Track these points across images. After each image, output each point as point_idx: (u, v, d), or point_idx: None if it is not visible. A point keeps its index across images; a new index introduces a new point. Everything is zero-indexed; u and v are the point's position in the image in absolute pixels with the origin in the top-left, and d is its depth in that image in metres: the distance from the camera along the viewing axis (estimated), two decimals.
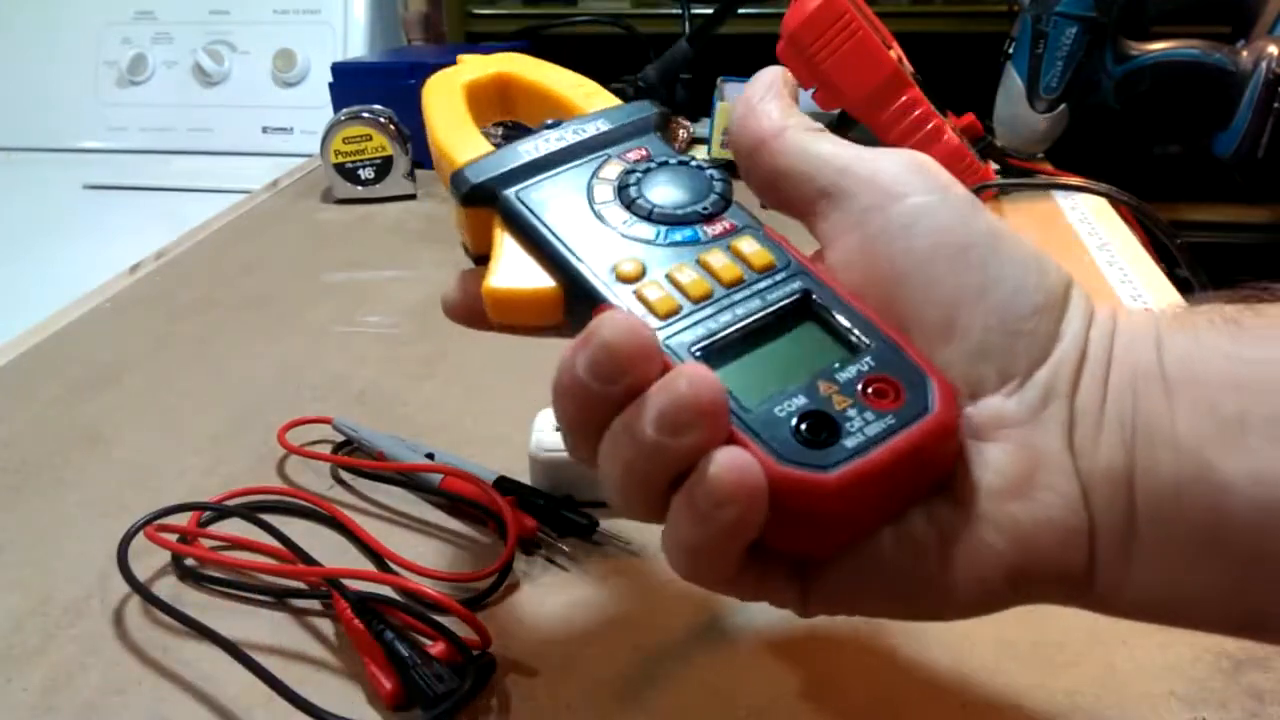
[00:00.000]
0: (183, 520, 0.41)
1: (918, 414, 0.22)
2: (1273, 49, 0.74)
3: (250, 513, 0.41)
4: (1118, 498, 0.22)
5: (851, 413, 0.23)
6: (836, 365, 0.23)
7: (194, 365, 0.57)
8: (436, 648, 0.34)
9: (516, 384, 0.46)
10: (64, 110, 1.08)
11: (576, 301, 0.26)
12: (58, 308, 0.65)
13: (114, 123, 1.07)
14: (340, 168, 0.83)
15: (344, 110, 0.82)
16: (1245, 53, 0.75)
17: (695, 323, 0.24)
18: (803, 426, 0.22)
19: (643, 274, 0.25)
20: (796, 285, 0.25)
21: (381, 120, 0.82)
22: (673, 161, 0.28)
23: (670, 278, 0.25)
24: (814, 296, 0.25)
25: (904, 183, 0.25)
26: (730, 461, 0.21)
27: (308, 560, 0.38)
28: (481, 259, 0.29)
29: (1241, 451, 0.21)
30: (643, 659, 0.35)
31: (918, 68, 0.76)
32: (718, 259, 0.26)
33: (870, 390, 0.23)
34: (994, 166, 0.81)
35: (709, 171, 0.28)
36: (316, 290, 0.68)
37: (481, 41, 1.10)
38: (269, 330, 0.61)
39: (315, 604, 0.37)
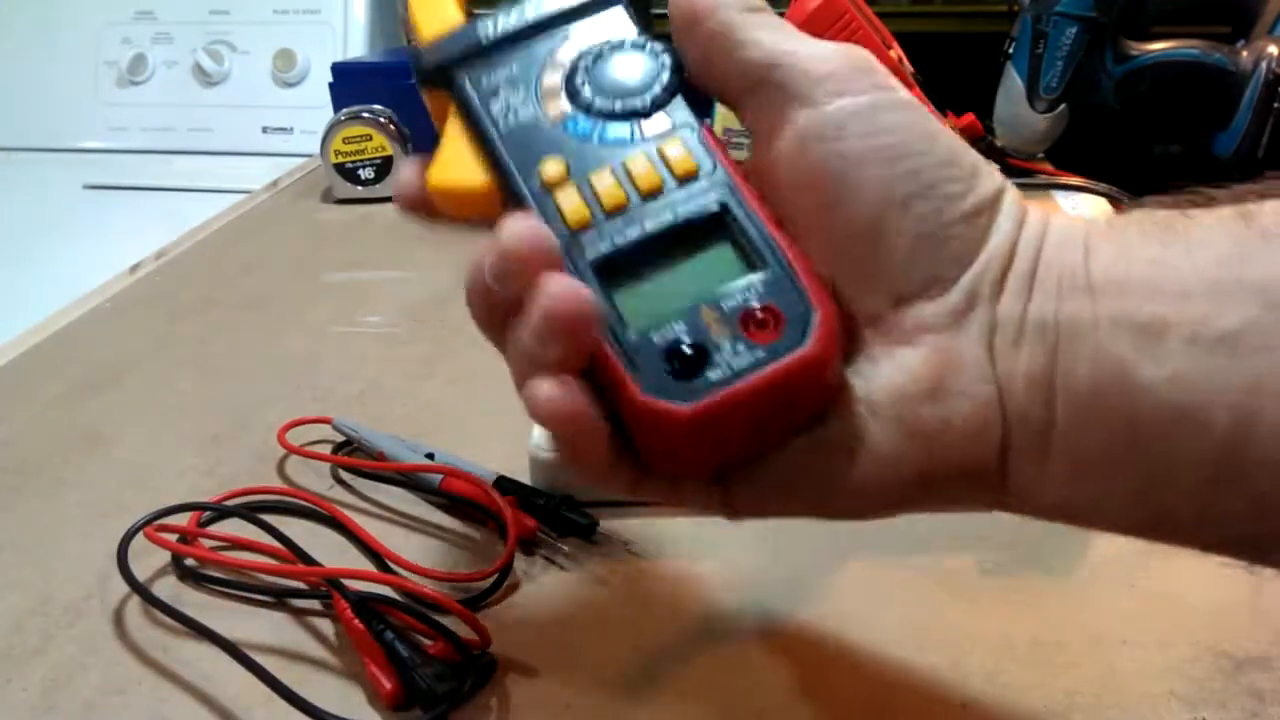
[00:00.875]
0: (183, 520, 0.41)
1: (790, 347, 0.23)
2: (1273, 49, 0.74)
3: (250, 513, 0.41)
4: (1035, 400, 0.22)
5: (724, 343, 0.23)
6: (725, 291, 0.23)
7: (194, 365, 0.57)
8: (436, 648, 0.34)
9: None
10: (64, 110, 1.08)
11: (509, 204, 0.26)
12: (58, 308, 0.65)
13: (114, 123, 1.07)
14: (340, 168, 0.83)
15: (344, 110, 0.82)
16: (1245, 53, 0.75)
17: (603, 236, 0.24)
18: (674, 356, 0.23)
19: (565, 177, 0.25)
20: (713, 198, 0.25)
21: (381, 120, 0.82)
22: (628, 44, 0.27)
23: (590, 184, 0.25)
24: (729, 211, 0.25)
25: (838, 80, 0.24)
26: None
27: (308, 560, 0.38)
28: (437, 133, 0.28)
29: (1159, 356, 0.21)
30: (643, 659, 0.35)
31: (918, 68, 0.76)
32: (640, 164, 0.25)
33: (753, 319, 0.23)
34: (994, 166, 0.81)
35: (664, 58, 0.27)
36: (316, 290, 0.68)
37: None
38: (269, 330, 0.61)
39: (315, 604, 0.37)
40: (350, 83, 0.89)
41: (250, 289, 0.68)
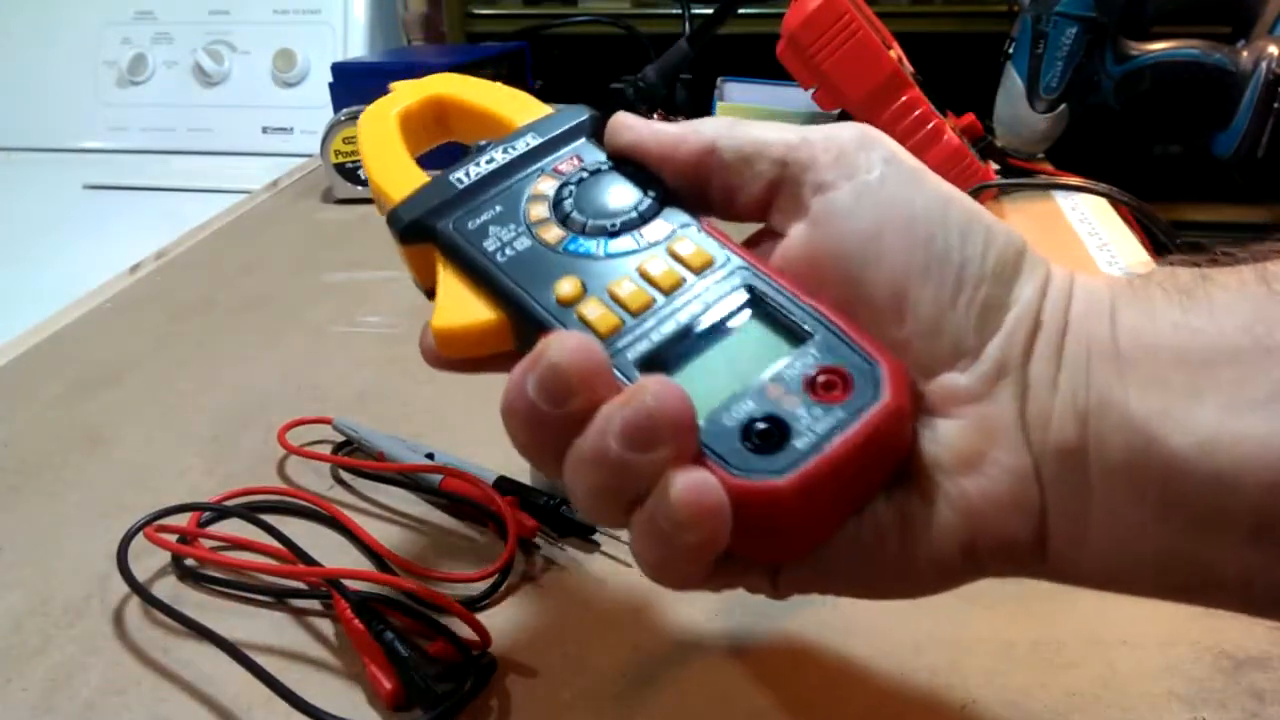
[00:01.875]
0: (182, 520, 0.41)
1: (868, 403, 0.22)
2: (1273, 49, 0.74)
3: (250, 513, 0.41)
4: (1070, 471, 0.22)
5: (800, 411, 0.22)
6: (783, 362, 0.23)
7: (194, 365, 0.57)
8: (436, 648, 0.34)
9: None
10: (64, 110, 1.08)
11: (524, 331, 0.25)
12: (58, 308, 0.65)
13: (114, 123, 1.07)
14: (340, 168, 0.82)
15: (344, 110, 0.82)
16: (1245, 53, 0.75)
17: (639, 337, 0.24)
18: (752, 433, 0.22)
19: (582, 294, 0.25)
20: (737, 281, 0.25)
21: None
22: (605, 168, 0.28)
23: (610, 293, 0.25)
24: (755, 290, 0.25)
25: (846, 162, 0.25)
26: (689, 485, 0.21)
27: (308, 560, 0.38)
28: (432, 292, 0.28)
29: (1189, 424, 0.21)
30: (643, 659, 0.35)
31: (918, 68, 0.76)
32: (656, 265, 0.25)
33: (818, 384, 0.23)
34: (994, 166, 0.81)
35: (643, 174, 0.28)
36: (316, 290, 0.68)
37: (481, 41, 1.10)
38: (269, 330, 0.61)
39: (315, 604, 0.37)
40: (350, 83, 0.89)
41: (250, 289, 0.68)
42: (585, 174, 0.28)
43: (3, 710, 0.33)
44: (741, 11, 0.94)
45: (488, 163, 0.28)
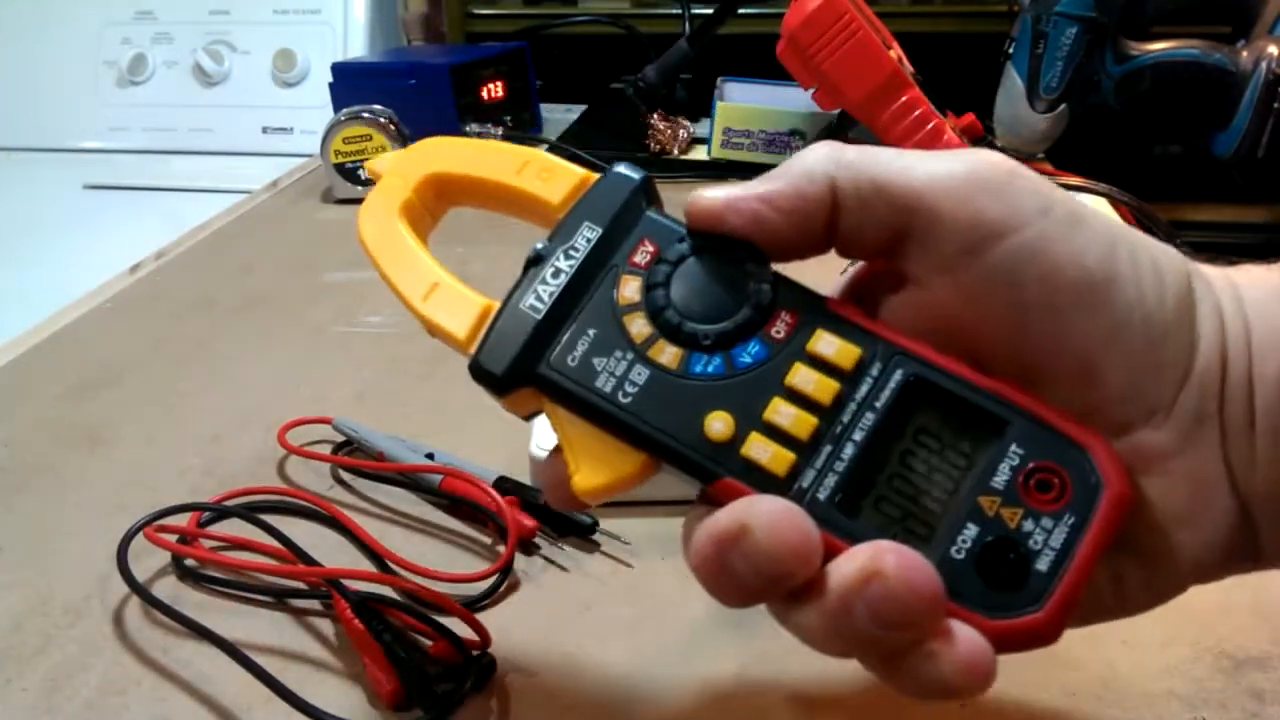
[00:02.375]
0: (182, 521, 0.41)
1: (1093, 499, 0.21)
2: (1273, 49, 0.74)
3: (250, 513, 0.41)
4: (1278, 507, 0.22)
5: (1028, 525, 0.21)
6: (986, 465, 0.22)
7: (194, 365, 0.57)
8: (436, 648, 0.34)
9: None
10: (64, 110, 1.08)
11: (675, 467, 0.23)
12: (58, 308, 0.65)
13: (114, 123, 1.07)
14: (340, 168, 0.83)
15: (344, 110, 0.82)
16: (1245, 53, 0.75)
17: (821, 471, 0.22)
18: (992, 566, 0.21)
19: (735, 431, 0.23)
20: (899, 375, 0.23)
21: (381, 120, 0.82)
22: (688, 250, 0.25)
23: (768, 424, 0.23)
24: (925, 380, 0.23)
25: (996, 216, 0.22)
26: (964, 658, 0.20)
27: (308, 560, 0.38)
28: (530, 418, 0.27)
29: None
30: (643, 659, 0.35)
31: (918, 68, 0.76)
32: (805, 378, 0.23)
33: (1033, 486, 0.21)
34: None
35: (737, 249, 0.24)
36: (316, 290, 0.68)
37: (481, 41, 1.10)
38: (269, 330, 0.61)
39: (315, 604, 0.37)
40: (350, 83, 0.89)
41: (250, 289, 0.68)
42: (669, 265, 0.25)
43: (3, 710, 0.33)
44: (741, 11, 0.94)
45: (554, 277, 0.25)
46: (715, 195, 0.24)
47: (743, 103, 0.86)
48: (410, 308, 0.27)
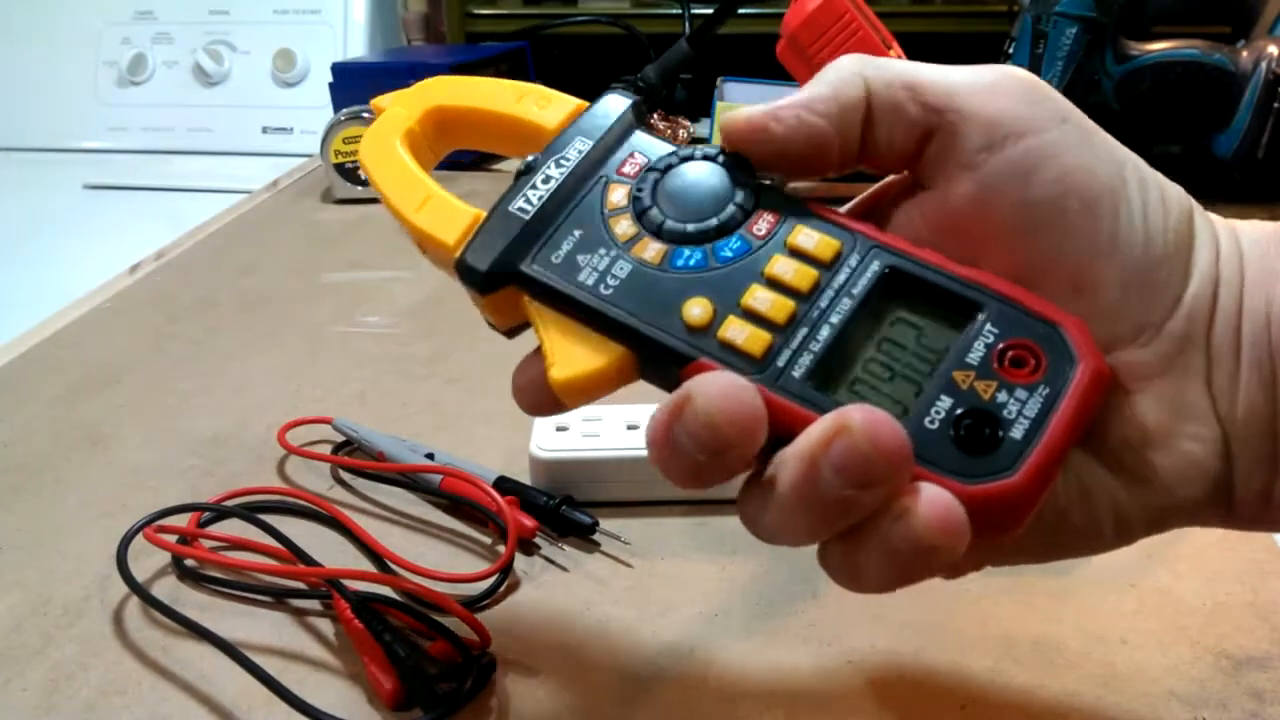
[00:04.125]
0: (182, 521, 0.41)
1: (1067, 373, 0.21)
2: (1273, 49, 0.74)
3: (250, 513, 0.41)
4: (1259, 438, 0.22)
5: (1002, 396, 0.21)
6: (960, 344, 0.22)
7: (194, 365, 0.57)
8: (436, 648, 0.34)
9: None
10: (64, 110, 1.08)
11: (653, 361, 0.24)
12: (58, 308, 0.65)
13: (114, 123, 1.07)
14: (340, 168, 0.83)
15: (344, 110, 0.82)
16: (1245, 53, 0.75)
17: (797, 350, 0.22)
18: (963, 432, 0.21)
19: (714, 315, 0.23)
20: (876, 265, 0.23)
21: None
22: (675, 160, 0.26)
23: (746, 309, 0.23)
24: (901, 269, 0.23)
25: (1018, 117, 0.23)
26: (935, 512, 0.20)
27: (308, 560, 0.38)
28: (513, 331, 0.27)
29: None
30: (643, 659, 0.35)
31: None
32: (783, 267, 0.23)
33: (1008, 362, 0.22)
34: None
35: (719, 159, 0.25)
36: (316, 290, 0.68)
37: (481, 41, 1.10)
38: (269, 330, 0.61)
39: (315, 604, 0.37)
40: (350, 83, 0.89)
41: (250, 289, 0.68)
42: (657, 173, 0.26)
43: (3, 710, 0.33)
44: (741, 11, 0.94)
45: (544, 183, 0.26)
46: (754, 108, 0.25)
47: (743, 103, 0.86)
48: (403, 219, 0.27)
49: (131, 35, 1.08)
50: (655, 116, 0.91)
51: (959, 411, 0.21)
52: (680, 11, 1.00)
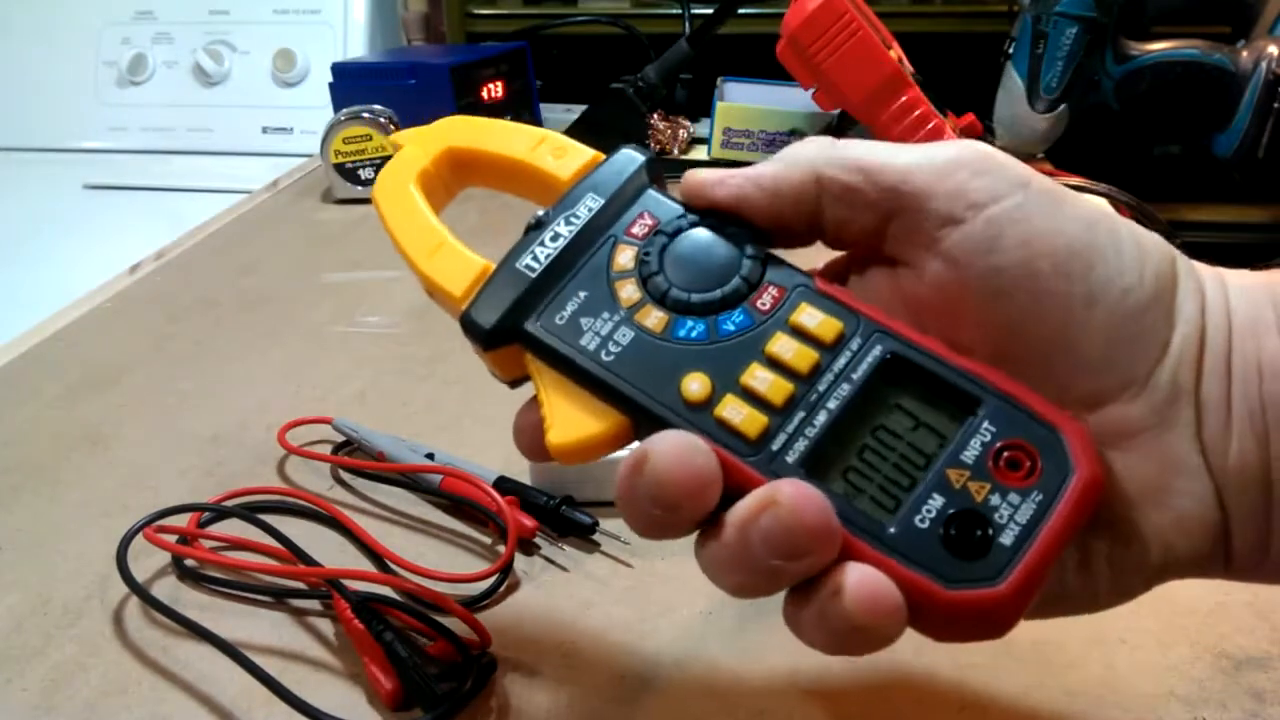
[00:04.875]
0: (182, 521, 0.41)
1: (1062, 479, 0.21)
2: (1273, 49, 0.74)
3: (250, 513, 0.41)
4: (1252, 489, 0.22)
5: (995, 499, 0.21)
6: (956, 440, 0.22)
7: (194, 365, 0.57)
8: (436, 648, 0.34)
9: None
10: (64, 110, 1.08)
11: (650, 430, 0.23)
12: (58, 308, 0.65)
13: (114, 123, 1.07)
14: (340, 168, 0.83)
15: (344, 110, 0.82)
16: (1245, 53, 0.75)
17: (792, 435, 0.22)
18: (952, 534, 0.21)
19: (712, 392, 0.23)
20: (877, 351, 0.23)
21: (381, 120, 0.82)
22: (685, 224, 0.26)
23: (745, 388, 0.23)
24: (901, 358, 0.23)
25: (976, 189, 0.23)
26: (863, 593, 0.20)
27: (308, 560, 0.38)
28: (516, 383, 0.27)
29: None
30: (643, 659, 0.35)
31: (918, 68, 0.76)
32: (784, 347, 0.23)
33: (1003, 463, 0.21)
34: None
35: (729, 228, 0.25)
36: (316, 290, 0.68)
37: (481, 41, 1.10)
38: (269, 330, 0.61)
39: (315, 604, 0.37)
40: (350, 83, 0.89)
41: (250, 289, 0.68)
42: (665, 237, 0.25)
43: (3, 710, 0.33)
44: (741, 11, 0.94)
45: (553, 240, 0.26)
46: (707, 173, 0.26)
47: (743, 103, 0.86)
48: (413, 265, 0.27)
49: (131, 35, 1.08)
50: (655, 116, 0.91)
51: (950, 512, 0.21)
52: (680, 11, 1.00)
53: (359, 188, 0.83)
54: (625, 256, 0.25)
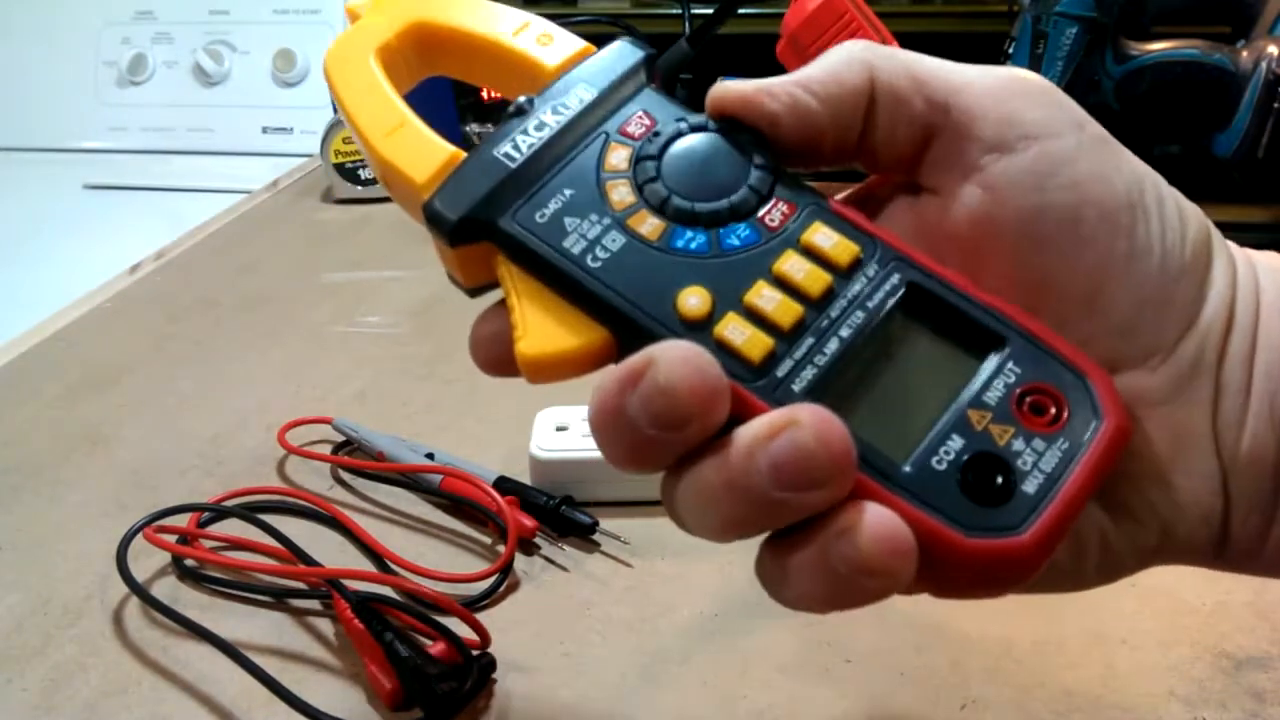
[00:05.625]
0: (182, 521, 0.41)
1: (1090, 428, 0.20)
2: (1273, 49, 0.74)
3: (250, 513, 0.41)
4: (1260, 480, 0.21)
5: (1018, 445, 0.20)
6: (979, 380, 0.20)
7: (194, 365, 0.57)
8: (436, 648, 0.34)
9: (516, 384, 0.46)
10: (64, 110, 1.08)
11: (637, 349, 0.20)
12: (58, 308, 0.65)
13: (114, 123, 1.07)
14: (340, 168, 0.82)
15: None
16: (1245, 53, 0.75)
17: (800, 361, 0.20)
18: (971, 478, 0.19)
19: (712, 310, 0.21)
20: (896, 279, 0.21)
21: None
22: (686, 127, 0.23)
23: (749, 307, 0.21)
24: (922, 288, 0.21)
25: (1033, 120, 0.21)
26: (882, 533, 0.18)
27: (308, 560, 0.38)
28: (478, 290, 0.24)
29: None
30: (643, 659, 0.35)
31: None
32: (795, 266, 0.21)
33: (1027, 407, 0.20)
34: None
35: (736, 134, 0.23)
36: (316, 290, 0.68)
37: None
38: (269, 330, 0.61)
39: (315, 604, 0.37)
40: None
41: (250, 289, 0.68)
42: (664, 139, 0.23)
43: (3, 710, 0.33)
44: (741, 11, 0.93)
45: (537, 130, 0.23)
46: (747, 82, 0.23)
47: None
48: (368, 145, 0.24)
49: (131, 35, 1.08)
50: None
51: (969, 455, 0.20)
52: (680, 11, 1.00)
53: (359, 188, 0.83)
54: (619, 156, 0.23)
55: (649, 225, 0.22)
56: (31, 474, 0.47)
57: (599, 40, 0.27)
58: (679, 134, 0.23)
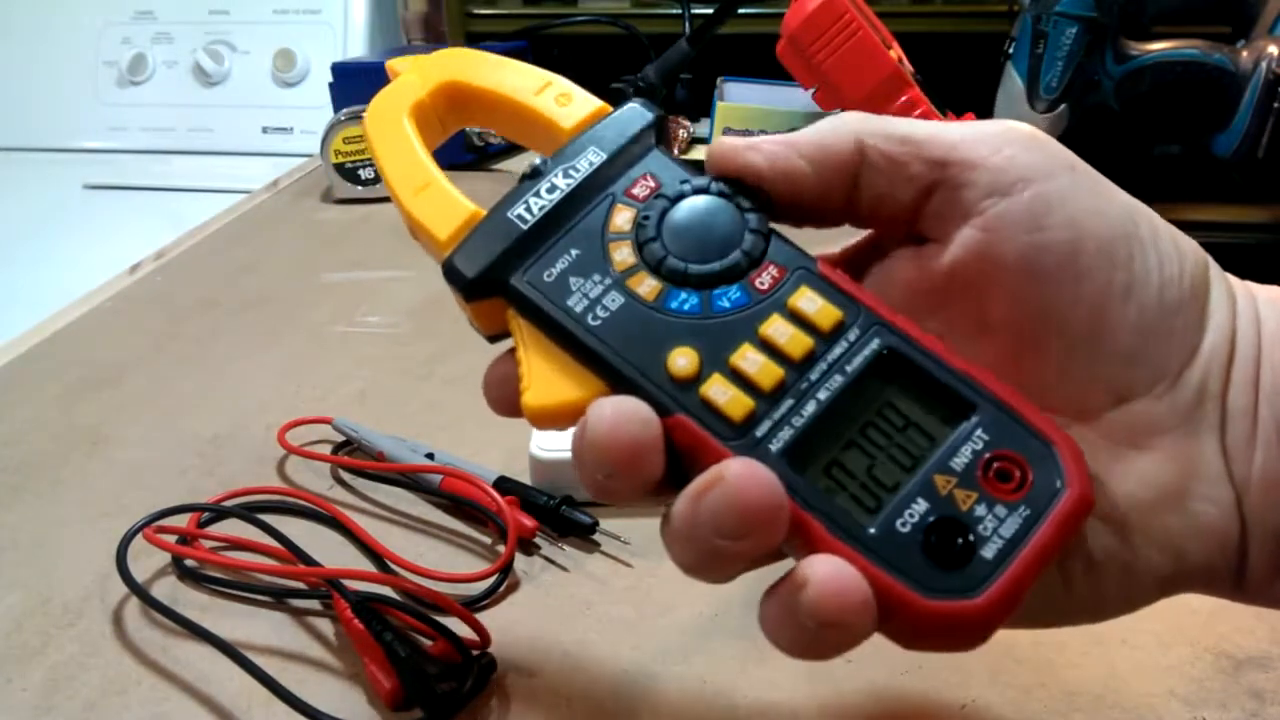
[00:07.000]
0: (182, 521, 0.41)
1: (1051, 496, 0.20)
2: (1273, 49, 0.74)
3: (250, 513, 0.41)
4: (1275, 504, 0.21)
5: (980, 510, 0.20)
6: (946, 445, 0.21)
7: (194, 365, 0.57)
8: (436, 648, 0.34)
9: None
10: (64, 110, 1.08)
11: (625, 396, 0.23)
12: (58, 308, 0.65)
13: (114, 123, 1.07)
14: (340, 168, 0.83)
15: (344, 110, 0.82)
16: (1245, 53, 0.75)
17: (777, 423, 0.22)
18: (933, 541, 0.20)
19: (699, 369, 0.22)
20: (875, 344, 0.22)
21: None
22: (689, 189, 0.24)
23: (733, 368, 0.22)
24: (899, 353, 0.22)
25: (1026, 164, 0.22)
26: (830, 587, 0.19)
27: (307, 560, 0.38)
28: (495, 338, 0.26)
29: None
30: (643, 659, 0.35)
31: (918, 68, 0.76)
32: (780, 330, 0.22)
33: (993, 473, 0.21)
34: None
35: (735, 199, 0.24)
36: (316, 290, 0.68)
37: (481, 41, 1.10)
38: (269, 330, 0.61)
39: (315, 604, 0.37)
40: (350, 83, 0.89)
41: (250, 289, 0.68)
42: (666, 201, 0.24)
43: (3, 710, 0.33)
44: (741, 11, 0.94)
45: (549, 193, 0.24)
46: (737, 139, 0.24)
47: (743, 103, 0.86)
48: (399, 202, 0.26)
49: (131, 35, 1.08)
50: None
51: (933, 519, 0.20)
52: (680, 11, 1.00)
53: (359, 188, 0.83)
54: (623, 218, 0.24)
55: (646, 286, 0.23)
56: (31, 474, 0.47)
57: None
58: (681, 195, 0.24)
